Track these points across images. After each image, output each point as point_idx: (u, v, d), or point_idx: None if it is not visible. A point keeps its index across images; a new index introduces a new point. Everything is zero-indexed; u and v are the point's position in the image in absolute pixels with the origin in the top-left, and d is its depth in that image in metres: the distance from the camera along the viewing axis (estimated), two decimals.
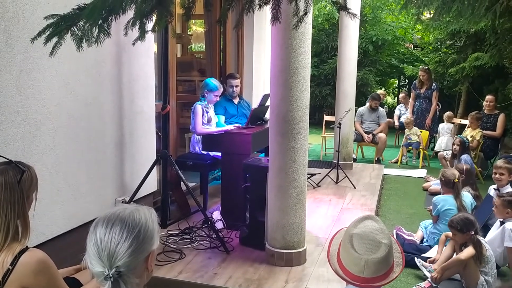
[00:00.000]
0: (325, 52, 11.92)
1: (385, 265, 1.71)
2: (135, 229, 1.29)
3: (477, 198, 4.41)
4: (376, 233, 1.73)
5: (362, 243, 1.72)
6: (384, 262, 1.70)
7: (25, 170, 1.79)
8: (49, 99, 2.86)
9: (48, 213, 2.89)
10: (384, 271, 1.71)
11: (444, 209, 3.90)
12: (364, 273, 1.70)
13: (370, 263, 1.69)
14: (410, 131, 7.50)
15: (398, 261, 1.79)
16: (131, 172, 3.76)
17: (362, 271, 1.70)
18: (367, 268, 1.69)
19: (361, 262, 1.70)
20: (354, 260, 1.72)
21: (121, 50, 3.54)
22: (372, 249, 1.70)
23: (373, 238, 1.71)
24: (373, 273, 1.69)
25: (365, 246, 1.71)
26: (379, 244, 1.70)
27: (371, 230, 1.74)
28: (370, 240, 1.71)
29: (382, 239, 1.71)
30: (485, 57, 7.72)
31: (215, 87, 4.48)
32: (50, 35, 1.82)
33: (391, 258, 1.75)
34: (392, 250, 1.75)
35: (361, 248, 1.71)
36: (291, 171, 3.11)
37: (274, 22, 1.84)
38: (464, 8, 3.19)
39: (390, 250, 1.72)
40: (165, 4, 1.82)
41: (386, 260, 1.71)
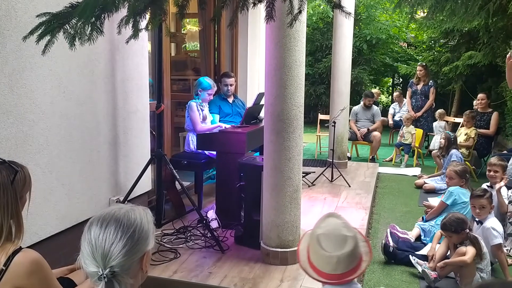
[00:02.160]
0: (320, 51, 11.95)
1: (355, 257, 1.77)
2: (130, 229, 1.29)
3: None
4: (340, 228, 1.79)
5: (330, 241, 1.76)
6: (354, 254, 1.76)
7: (19, 170, 1.77)
8: (42, 98, 2.84)
9: (41, 213, 2.87)
10: (356, 263, 1.77)
11: (461, 201, 3.91)
12: (338, 270, 1.75)
13: (342, 258, 1.74)
14: (407, 128, 7.46)
15: (365, 250, 1.84)
16: (125, 172, 3.75)
17: (336, 268, 1.74)
18: (339, 264, 1.74)
19: (333, 260, 1.74)
20: (325, 260, 1.76)
21: (115, 48, 3.52)
22: (340, 244, 1.75)
23: (339, 234, 1.77)
24: (345, 267, 1.74)
25: (333, 244, 1.76)
26: (345, 238, 1.76)
27: (335, 227, 1.80)
28: (336, 236, 1.76)
29: (347, 233, 1.77)
30: (479, 56, 7.76)
31: (209, 86, 4.48)
32: (42, 33, 1.81)
33: (359, 249, 1.80)
34: (358, 241, 1.80)
35: (329, 246, 1.76)
36: (286, 170, 3.11)
37: (269, 20, 1.84)
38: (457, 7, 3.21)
39: (356, 242, 1.78)
40: (158, 2, 1.81)
41: (355, 252, 1.76)
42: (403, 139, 7.49)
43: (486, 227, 3.45)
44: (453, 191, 3.99)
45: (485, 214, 3.53)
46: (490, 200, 3.56)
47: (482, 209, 3.52)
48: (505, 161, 4.31)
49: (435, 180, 5.86)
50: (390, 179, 6.49)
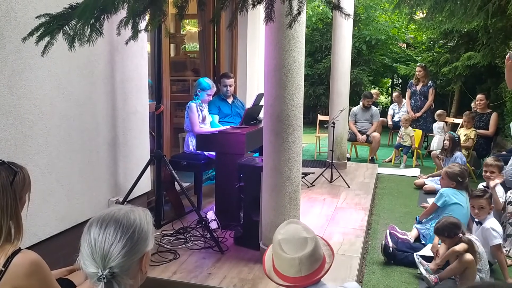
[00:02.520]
0: (319, 52, 11.95)
1: (317, 258, 1.80)
2: (129, 229, 1.29)
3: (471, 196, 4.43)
4: (299, 231, 1.82)
5: (290, 244, 1.79)
6: (315, 255, 1.79)
7: (18, 171, 1.77)
8: (42, 99, 2.84)
9: (40, 214, 2.87)
10: (318, 264, 1.80)
11: (452, 202, 3.89)
12: (302, 272, 1.78)
13: (304, 259, 1.76)
14: (405, 130, 7.46)
15: (328, 252, 1.90)
16: (124, 173, 3.75)
17: (300, 270, 1.77)
18: (302, 265, 1.76)
19: (295, 262, 1.77)
20: (288, 263, 1.78)
21: (114, 49, 3.52)
22: (300, 246, 1.78)
23: (299, 236, 1.80)
24: (309, 268, 1.77)
25: (293, 246, 1.79)
26: (305, 240, 1.79)
27: (295, 231, 1.83)
28: (296, 239, 1.80)
29: (307, 235, 1.81)
30: (478, 57, 7.77)
31: (208, 86, 4.48)
32: (42, 34, 1.81)
33: (320, 250, 1.84)
34: (318, 243, 1.84)
35: (290, 249, 1.79)
36: (285, 170, 3.11)
37: (268, 21, 1.84)
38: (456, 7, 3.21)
39: (316, 243, 1.81)
40: (158, 3, 1.81)
41: (316, 252, 1.80)
42: (402, 141, 7.48)
43: (486, 228, 3.45)
44: (443, 192, 3.98)
45: (484, 215, 3.54)
46: (489, 201, 3.56)
47: (481, 210, 3.54)
48: (501, 162, 4.31)
49: (435, 180, 5.86)
50: (390, 179, 6.49)
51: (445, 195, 3.93)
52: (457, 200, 3.88)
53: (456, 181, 3.98)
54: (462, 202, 3.88)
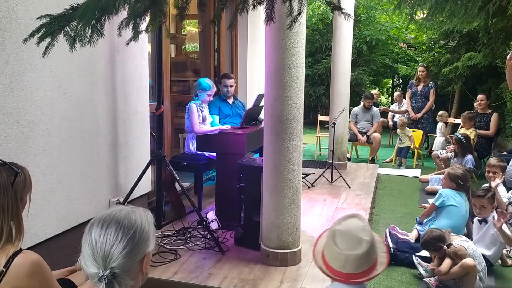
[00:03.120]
0: (319, 52, 11.95)
1: (366, 261, 1.74)
2: (130, 230, 1.29)
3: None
4: (358, 230, 1.76)
5: (344, 239, 1.75)
6: (365, 258, 1.73)
7: (19, 172, 1.77)
8: (42, 100, 2.84)
9: (41, 214, 2.88)
10: (366, 267, 1.74)
11: (449, 203, 3.88)
12: (346, 269, 1.73)
13: (351, 258, 1.72)
14: (402, 132, 7.42)
15: (382, 260, 1.82)
16: (125, 173, 3.75)
17: (343, 266, 1.73)
18: (348, 263, 1.72)
19: (341, 257, 1.73)
20: (335, 256, 1.75)
21: (115, 50, 3.52)
22: (353, 245, 1.73)
23: (355, 235, 1.75)
24: (354, 268, 1.72)
25: (346, 242, 1.74)
26: (360, 241, 1.73)
27: (354, 228, 1.78)
28: (352, 236, 1.75)
29: (364, 236, 1.74)
30: (478, 57, 7.76)
31: (208, 86, 4.48)
32: (43, 35, 1.81)
33: (373, 255, 1.77)
34: (374, 247, 1.78)
35: (342, 243, 1.74)
36: (286, 171, 3.11)
37: (268, 22, 1.84)
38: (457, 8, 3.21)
39: (371, 247, 1.75)
40: (158, 4, 1.81)
41: (367, 256, 1.74)
42: (399, 143, 7.41)
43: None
44: (442, 192, 3.97)
45: (486, 214, 3.54)
46: (491, 200, 3.55)
47: (483, 209, 3.55)
48: (505, 162, 4.31)
49: (437, 182, 5.84)
50: (390, 180, 6.49)
51: (444, 195, 3.93)
52: (455, 201, 3.87)
53: (456, 183, 3.97)
54: (459, 204, 3.88)
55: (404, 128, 7.44)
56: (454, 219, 3.82)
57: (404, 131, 7.43)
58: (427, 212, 4.10)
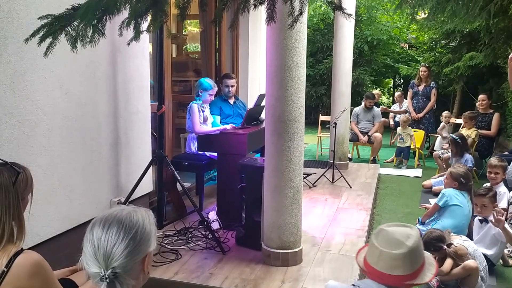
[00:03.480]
0: (321, 52, 11.94)
1: (401, 265, 1.71)
2: (132, 230, 1.29)
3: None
4: (403, 236, 1.75)
5: (386, 238, 1.76)
6: (401, 261, 1.71)
7: (20, 172, 1.78)
8: (44, 100, 2.85)
9: (43, 214, 2.88)
10: (401, 272, 1.71)
11: (452, 203, 3.87)
12: (378, 265, 1.73)
13: (384, 256, 1.71)
14: (404, 130, 7.39)
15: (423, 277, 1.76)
16: (126, 173, 3.75)
17: (377, 262, 1.73)
18: (381, 260, 1.72)
19: (376, 252, 1.74)
20: (372, 250, 1.77)
21: (116, 50, 3.52)
22: (391, 245, 1.73)
23: (398, 238, 1.74)
24: (387, 268, 1.71)
25: (386, 241, 1.75)
26: (400, 244, 1.72)
27: (400, 233, 1.77)
28: (394, 238, 1.75)
29: (406, 241, 1.73)
30: (480, 57, 7.75)
31: (209, 86, 4.48)
32: (44, 35, 1.81)
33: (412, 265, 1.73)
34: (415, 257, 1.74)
35: (382, 241, 1.75)
36: (287, 171, 3.11)
37: (269, 22, 1.84)
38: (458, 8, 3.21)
39: (411, 255, 1.72)
40: (160, 4, 1.81)
41: (404, 261, 1.71)
42: (400, 142, 7.33)
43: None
44: (445, 192, 3.96)
45: (487, 213, 3.53)
46: (492, 200, 3.55)
47: (484, 208, 3.54)
48: (505, 162, 4.30)
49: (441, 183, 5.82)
50: (391, 180, 6.48)
51: (447, 195, 3.92)
52: (458, 201, 3.86)
53: (459, 182, 3.97)
54: (462, 204, 3.86)
55: (406, 127, 7.40)
56: (457, 219, 3.81)
57: (406, 129, 7.38)
58: (430, 212, 4.09)
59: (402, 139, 7.35)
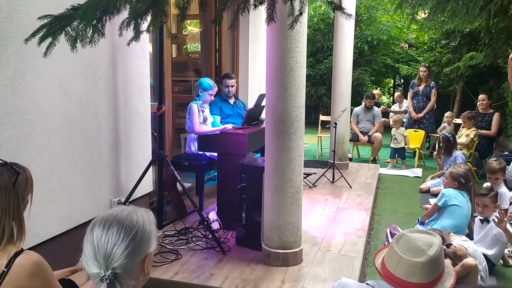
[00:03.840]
0: (321, 52, 11.94)
1: (419, 273, 1.69)
2: (132, 230, 1.29)
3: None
4: (425, 243, 1.73)
5: (407, 244, 1.74)
6: (419, 269, 1.68)
7: (20, 172, 1.78)
8: (44, 100, 2.85)
9: (43, 214, 2.88)
10: (417, 280, 1.69)
11: (452, 203, 3.87)
12: (396, 271, 1.71)
13: (403, 262, 1.69)
14: (397, 130, 7.28)
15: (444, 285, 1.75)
16: (126, 173, 3.75)
17: (395, 267, 1.72)
18: (400, 266, 1.70)
19: (395, 258, 1.72)
20: (391, 254, 1.75)
21: (116, 50, 3.52)
22: (413, 252, 1.71)
23: (418, 246, 1.72)
24: (404, 275, 1.69)
25: (407, 248, 1.72)
26: (421, 252, 1.70)
27: (422, 239, 1.74)
28: (415, 245, 1.72)
29: (428, 250, 1.71)
30: (480, 57, 7.75)
31: (209, 86, 4.48)
32: (44, 35, 1.81)
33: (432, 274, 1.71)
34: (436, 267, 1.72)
35: (403, 247, 1.73)
36: (287, 171, 3.11)
37: (269, 22, 1.84)
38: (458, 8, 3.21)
39: (433, 265, 1.70)
40: (160, 4, 1.81)
41: (423, 269, 1.68)
42: (394, 143, 7.24)
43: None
44: (445, 192, 3.97)
45: (488, 213, 3.52)
46: (494, 199, 3.54)
47: (485, 208, 3.53)
48: (503, 163, 4.29)
49: (439, 183, 5.81)
50: (391, 180, 6.48)
51: (446, 195, 3.92)
52: (457, 201, 3.86)
53: (458, 182, 3.97)
54: (462, 204, 3.87)
55: (398, 127, 7.32)
56: (456, 219, 3.81)
57: (399, 130, 7.29)
58: (430, 212, 4.09)
59: (396, 139, 7.25)
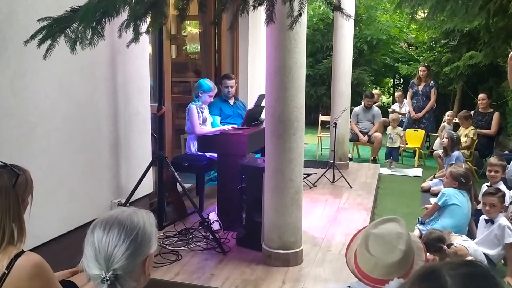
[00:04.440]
0: (320, 52, 11.93)
1: (397, 269, 1.68)
2: (133, 232, 1.29)
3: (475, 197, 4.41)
4: (393, 237, 1.71)
5: (377, 244, 1.71)
6: (396, 267, 1.67)
7: (20, 174, 1.78)
8: (44, 101, 2.85)
9: (43, 215, 2.88)
10: (398, 275, 1.68)
11: (451, 202, 3.87)
12: (374, 273, 1.70)
13: (380, 265, 1.68)
14: (394, 129, 7.16)
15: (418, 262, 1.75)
16: (126, 174, 3.75)
17: (372, 271, 1.70)
18: (376, 268, 1.69)
19: (371, 262, 1.70)
20: (365, 259, 1.72)
21: (116, 51, 3.52)
22: (385, 251, 1.69)
23: (389, 241, 1.70)
24: (383, 275, 1.68)
25: (379, 248, 1.70)
26: (393, 249, 1.69)
27: (390, 233, 1.72)
28: (385, 243, 1.70)
29: (399, 245, 1.69)
30: (479, 56, 7.75)
31: (210, 88, 4.48)
32: (43, 37, 1.82)
33: (407, 265, 1.71)
34: (409, 256, 1.71)
35: (374, 248, 1.71)
36: (287, 171, 3.11)
37: (269, 23, 1.84)
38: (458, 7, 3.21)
39: (406, 256, 1.69)
40: (159, 5, 1.81)
41: (399, 265, 1.68)
42: (389, 142, 7.12)
43: (502, 225, 3.41)
44: (445, 192, 3.96)
45: (495, 213, 3.50)
46: (501, 200, 3.53)
47: (492, 207, 3.50)
48: (505, 161, 4.30)
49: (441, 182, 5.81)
50: (392, 180, 6.48)
51: (446, 194, 3.92)
52: (457, 201, 3.86)
53: (459, 182, 3.96)
54: (462, 203, 3.87)
55: (395, 126, 7.21)
56: (456, 219, 3.81)
57: (396, 129, 7.18)
58: (430, 212, 4.09)
59: (391, 138, 7.15)
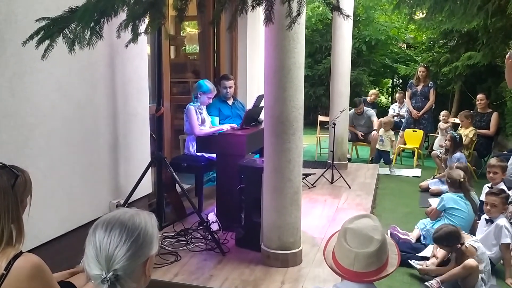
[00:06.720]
0: (319, 53, 11.95)
1: (376, 260, 1.74)
2: (134, 233, 1.29)
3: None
4: (369, 229, 1.77)
5: (355, 237, 1.76)
6: (375, 257, 1.73)
7: (19, 174, 1.77)
8: (42, 102, 2.84)
9: (42, 216, 2.87)
10: (376, 267, 1.74)
11: (449, 206, 3.92)
12: (355, 267, 1.73)
13: (360, 256, 1.72)
14: (386, 132, 7.12)
15: (392, 261, 1.81)
16: (125, 175, 3.75)
17: (353, 264, 1.73)
18: (357, 261, 1.72)
19: (351, 255, 1.73)
20: (345, 253, 1.76)
21: (114, 52, 3.52)
22: (363, 243, 1.74)
23: (366, 234, 1.75)
24: (363, 267, 1.72)
25: (357, 240, 1.75)
26: (370, 239, 1.74)
27: (365, 226, 1.78)
28: (362, 235, 1.75)
29: (375, 235, 1.75)
30: (478, 56, 7.77)
31: (209, 90, 4.47)
32: (41, 38, 1.81)
33: (384, 255, 1.77)
34: (385, 247, 1.78)
35: (353, 241, 1.75)
36: (286, 171, 3.11)
37: (267, 23, 1.84)
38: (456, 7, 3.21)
39: (382, 247, 1.75)
40: (157, 6, 1.81)
41: (378, 255, 1.74)
42: (380, 144, 7.11)
43: (500, 225, 3.44)
44: (443, 196, 4.04)
45: (496, 213, 3.52)
46: (503, 201, 3.54)
47: (493, 207, 3.52)
48: (505, 162, 4.31)
49: (439, 182, 5.82)
50: (391, 180, 6.49)
51: (444, 199, 4.00)
52: (456, 205, 3.90)
53: (454, 187, 4.04)
54: (461, 207, 3.90)
55: (388, 130, 7.17)
56: (457, 221, 3.82)
57: (387, 132, 7.15)
58: (433, 216, 4.10)
59: (382, 141, 7.12)
